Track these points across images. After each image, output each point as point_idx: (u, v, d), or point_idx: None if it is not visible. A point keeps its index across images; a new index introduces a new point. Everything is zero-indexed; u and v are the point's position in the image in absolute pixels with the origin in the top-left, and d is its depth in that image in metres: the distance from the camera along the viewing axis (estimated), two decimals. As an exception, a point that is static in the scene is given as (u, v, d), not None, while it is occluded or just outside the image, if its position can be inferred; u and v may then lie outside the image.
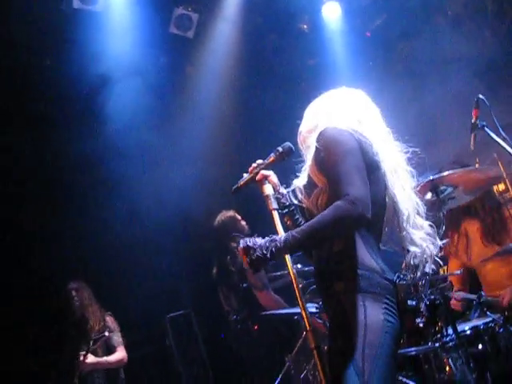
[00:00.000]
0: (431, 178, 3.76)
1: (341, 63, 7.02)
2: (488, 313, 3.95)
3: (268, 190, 2.90)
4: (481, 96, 3.48)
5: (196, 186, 6.62)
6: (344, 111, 2.83)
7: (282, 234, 2.62)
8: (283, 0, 6.66)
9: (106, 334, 5.45)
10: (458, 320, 4.38)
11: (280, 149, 2.94)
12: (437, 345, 3.74)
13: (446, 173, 3.80)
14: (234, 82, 7.05)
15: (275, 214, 2.80)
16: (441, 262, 4.43)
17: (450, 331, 3.79)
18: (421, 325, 3.85)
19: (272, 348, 5.45)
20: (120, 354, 5.60)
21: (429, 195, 3.88)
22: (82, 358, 5.28)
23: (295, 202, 2.84)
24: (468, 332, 3.94)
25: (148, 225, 6.67)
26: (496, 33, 6.77)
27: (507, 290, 4.32)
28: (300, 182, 2.77)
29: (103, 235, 6.32)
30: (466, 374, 3.63)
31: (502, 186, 5.81)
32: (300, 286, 2.63)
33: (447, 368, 3.78)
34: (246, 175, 2.98)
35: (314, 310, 4.34)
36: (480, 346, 3.90)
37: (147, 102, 6.58)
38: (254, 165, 2.97)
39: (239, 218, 5.87)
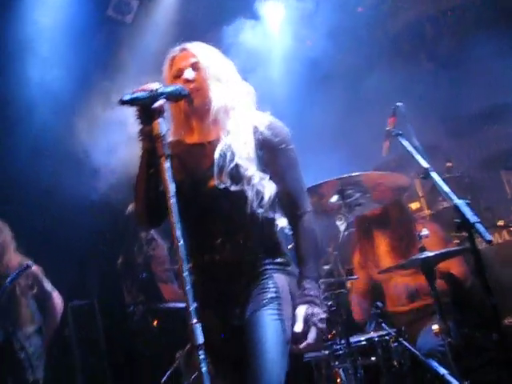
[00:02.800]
0: (339, 176, 3.69)
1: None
2: (384, 325, 3.90)
3: (162, 127, 2.31)
4: (399, 103, 3.42)
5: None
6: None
7: (169, 187, 2.24)
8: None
9: (29, 263, 4.67)
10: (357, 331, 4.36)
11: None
12: (327, 352, 3.66)
13: (354, 173, 3.73)
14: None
15: (165, 162, 2.25)
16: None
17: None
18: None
19: (169, 344, 5.30)
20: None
21: (334, 198, 3.79)
22: None
23: None
24: (363, 343, 3.89)
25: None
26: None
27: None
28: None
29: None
30: (354, 386, 3.57)
31: (416, 205, 5.85)
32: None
33: (338, 378, 3.71)
34: (140, 93, 2.36)
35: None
36: (373, 358, 3.85)
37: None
38: (152, 86, 2.39)
39: None
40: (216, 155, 2.59)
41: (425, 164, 2.98)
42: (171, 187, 2.28)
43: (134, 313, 5.53)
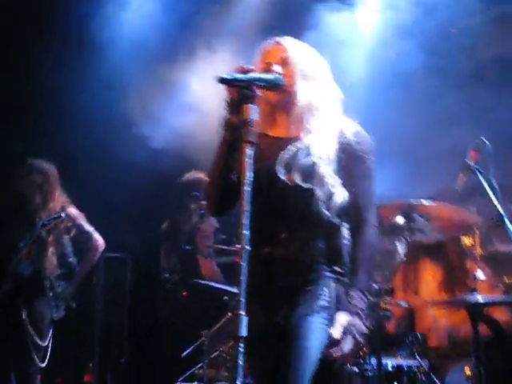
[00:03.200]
0: (411, 200, 3.62)
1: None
2: (417, 356, 3.83)
3: (253, 112, 2.26)
4: (484, 139, 3.33)
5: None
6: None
7: (247, 174, 2.22)
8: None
9: (63, 215, 4.66)
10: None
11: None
12: (356, 369, 3.62)
13: (425, 201, 3.65)
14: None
15: (248, 149, 2.21)
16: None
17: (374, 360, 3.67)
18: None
19: (193, 318, 5.33)
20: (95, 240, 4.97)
21: (399, 219, 3.72)
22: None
23: None
24: (390, 368, 3.83)
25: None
26: None
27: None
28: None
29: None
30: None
31: (470, 241, 5.71)
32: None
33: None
34: (240, 74, 2.31)
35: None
36: (396, 384, 3.80)
37: None
38: (250, 68, 2.36)
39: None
40: (293, 151, 2.56)
41: (501, 210, 2.91)
42: (249, 175, 2.26)
43: (167, 279, 5.56)
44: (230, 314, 4.56)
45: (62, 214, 4.67)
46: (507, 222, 2.79)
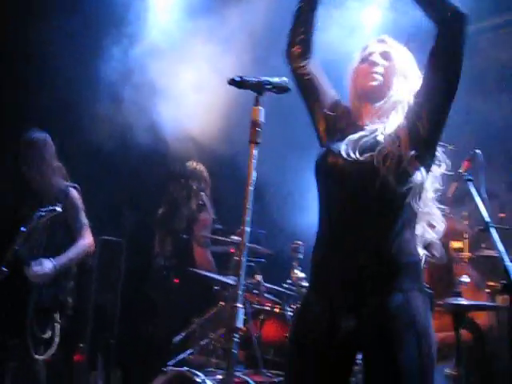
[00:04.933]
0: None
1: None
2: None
3: (261, 115, 2.44)
4: (478, 151, 3.45)
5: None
6: None
7: (251, 174, 2.39)
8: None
9: (58, 209, 4.36)
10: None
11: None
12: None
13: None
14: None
15: (253, 149, 2.41)
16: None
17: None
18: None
19: (183, 305, 5.42)
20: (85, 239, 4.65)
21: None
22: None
23: None
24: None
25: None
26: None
27: None
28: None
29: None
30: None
31: (458, 244, 5.81)
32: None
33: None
34: (250, 78, 2.47)
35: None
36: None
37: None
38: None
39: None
40: (360, 134, 2.63)
41: (487, 218, 3.03)
42: (252, 174, 2.39)
43: (160, 265, 5.64)
44: (222, 303, 4.67)
45: (58, 208, 4.41)
46: (492, 231, 2.91)
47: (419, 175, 2.52)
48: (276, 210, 5.89)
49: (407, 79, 2.69)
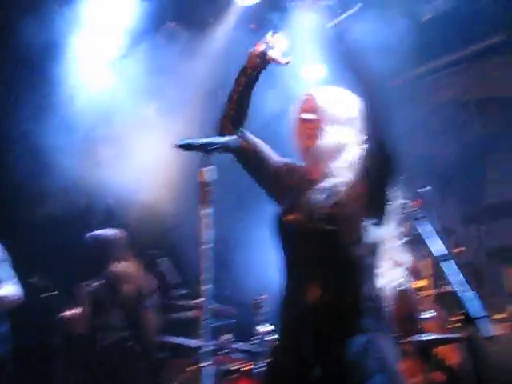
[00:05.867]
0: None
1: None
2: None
3: (211, 175, 2.46)
4: (428, 187, 3.51)
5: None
6: None
7: (206, 234, 2.43)
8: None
9: None
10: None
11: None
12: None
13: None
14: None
15: (207, 209, 2.43)
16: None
17: None
18: None
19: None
20: (8, 289, 4.67)
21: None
22: None
23: None
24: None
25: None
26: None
27: None
28: None
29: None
30: None
31: (422, 283, 5.85)
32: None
33: None
34: (194, 140, 2.53)
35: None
36: None
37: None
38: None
39: None
40: (315, 195, 2.65)
41: (435, 252, 3.07)
42: (208, 234, 2.40)
43: (124, 339, 5.28)
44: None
45: None
46: (441, 265, 2.94)
47: (373, 229, 2.57)
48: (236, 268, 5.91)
49: (343, 124, 2.72)
